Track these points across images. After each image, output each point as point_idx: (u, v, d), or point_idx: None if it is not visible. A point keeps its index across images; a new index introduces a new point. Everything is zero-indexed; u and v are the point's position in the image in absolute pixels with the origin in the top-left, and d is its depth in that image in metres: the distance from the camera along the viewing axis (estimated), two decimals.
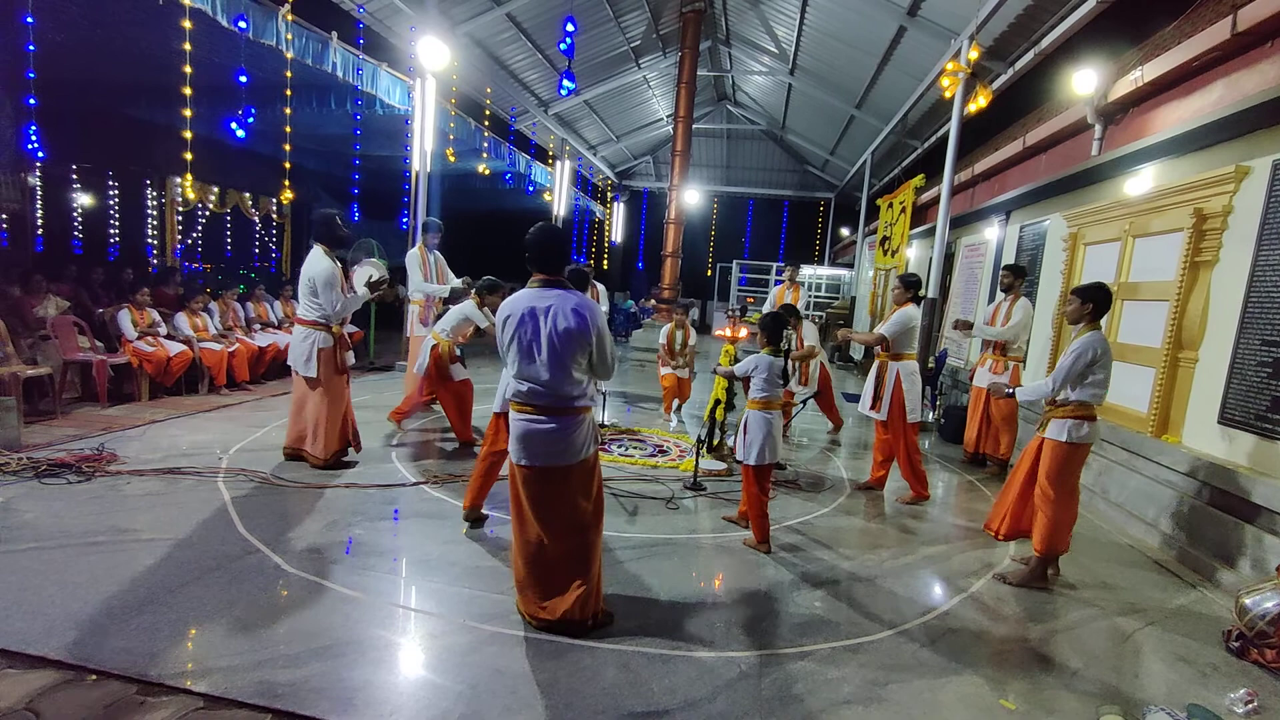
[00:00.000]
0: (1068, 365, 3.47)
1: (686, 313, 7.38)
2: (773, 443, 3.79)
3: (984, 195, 8.81)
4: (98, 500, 3.76)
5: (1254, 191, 4.17)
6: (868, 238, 14.76)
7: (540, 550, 2.76)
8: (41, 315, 6.18)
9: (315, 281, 4.49)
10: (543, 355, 2.62)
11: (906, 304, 4.86)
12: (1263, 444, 3.88)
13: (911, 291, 4.90)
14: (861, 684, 2.56)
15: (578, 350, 2.64)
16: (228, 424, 5.62)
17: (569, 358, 2.63)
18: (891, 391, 4.78)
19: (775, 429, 3.81)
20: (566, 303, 2.63)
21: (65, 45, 6.17)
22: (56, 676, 2.25)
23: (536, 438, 2.69)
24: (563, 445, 2.70)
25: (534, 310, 2.63)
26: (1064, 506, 3.58)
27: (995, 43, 7.68)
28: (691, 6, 12.52)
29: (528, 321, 2.63)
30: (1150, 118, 5.30)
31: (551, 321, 2.60)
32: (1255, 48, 4.22)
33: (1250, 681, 2.77)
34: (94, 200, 10.00)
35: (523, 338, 2.63)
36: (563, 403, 2.68)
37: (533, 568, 2.78)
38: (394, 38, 9.19)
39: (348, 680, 2.34)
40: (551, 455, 2.70)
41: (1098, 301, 3.56)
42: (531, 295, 2.68)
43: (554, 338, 2.60)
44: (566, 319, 2.60)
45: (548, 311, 2.62)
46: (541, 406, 2.68)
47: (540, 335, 2.61)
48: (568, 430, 2.69)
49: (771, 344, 3.93)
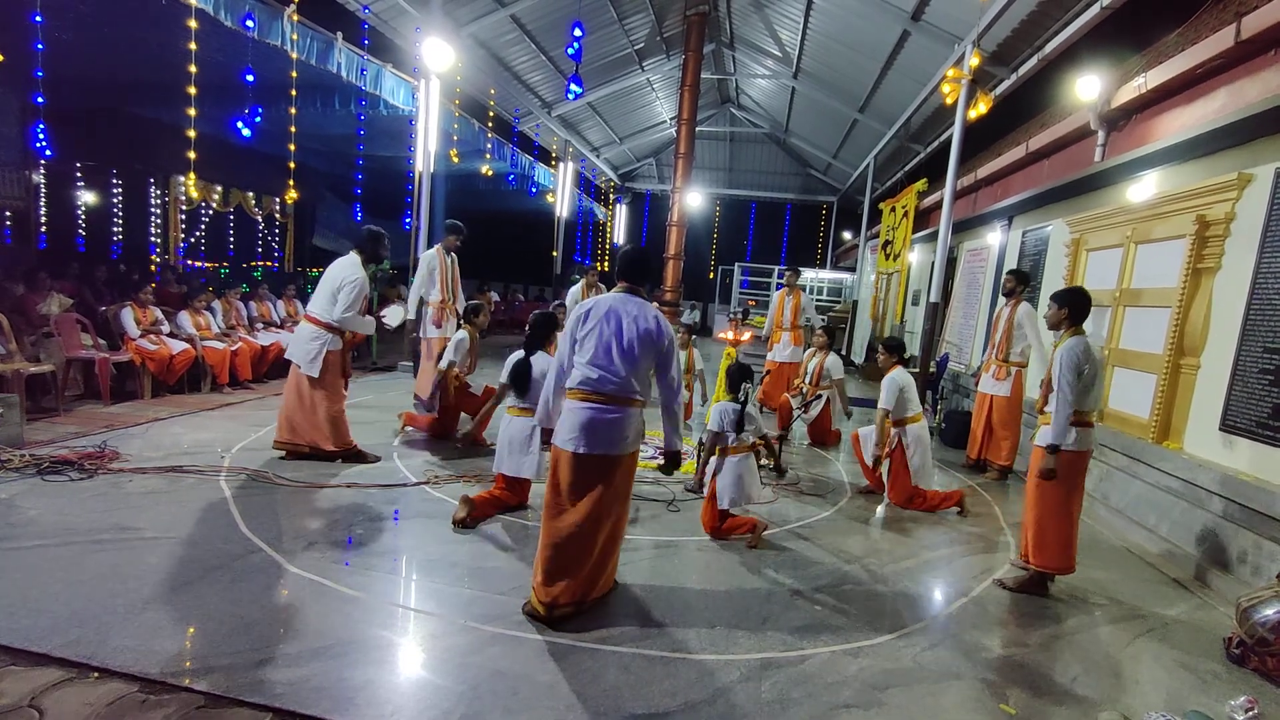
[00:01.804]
0: (1071, 379, 3.39)
1: (690, 334, 7.10)
2: (742, 487, 3.91)
3: (986, 200, 8.81)
4: (100, 498, 3.76)
5: (1257, 199, 4.18)
6: (870, 241, 14.76)
7: (572, 530, 2.85)
8: (45, 313, 6.20)
9: (344, 285, 4.50)
10: (621, 349, 2.88)
11: (893, 367, 4.81)
12: (1264, 451, 3.87)
13: (895, 355, 4.86)
14: (862, 688, 2.56)
15: (652, 351, 2.94)
16: (230, 423, 5.63)
17: (641, 355, 2.91)
18: (894, 456, 4.76)
19: (745, 471, 3.93)
20: (648, 310, 2.98)
21: (71, 44, 6.20)
22: (60, 674, 2.26)
23: (599, 426, 2.86)
24: (620, 434, 2.89)
25: (618, 310, 2.93)
26: (1056, 514, 3.48)
27: (999, 48, 7.68)
28: (696, 9, 12.51)
29: (611, 318, 2.91)
30: (1153, 124, 5.31)
31: (634, 322, 2.91)
32: (1258, 55, 4.23)
33: (1251, 689, 2.77)
34: (97, 198, 10.03)
35: (604, 331, 2.89)
36: (626, 393, 2.90)
37: (558, 554, 2.85)
38: (399, 39, 9.21)
39: (349, 680, 2.34)
40: (610, 443, 2.88)
41: (1074, 306, 3.54)
42: (616, 299, 2.98)
43: (635, 335, 2.89)
44: (648, 322, 2.92)
45: (630, 313, 2.93)
46: (610, 395, 2.88)
47: (622, 331, 2.89)
48: (625, 421, 2.91)
49: (731, 392, 4.13)
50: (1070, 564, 3.54)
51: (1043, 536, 3.49)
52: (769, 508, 4.58)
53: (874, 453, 4.87)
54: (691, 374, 6.94)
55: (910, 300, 12.27)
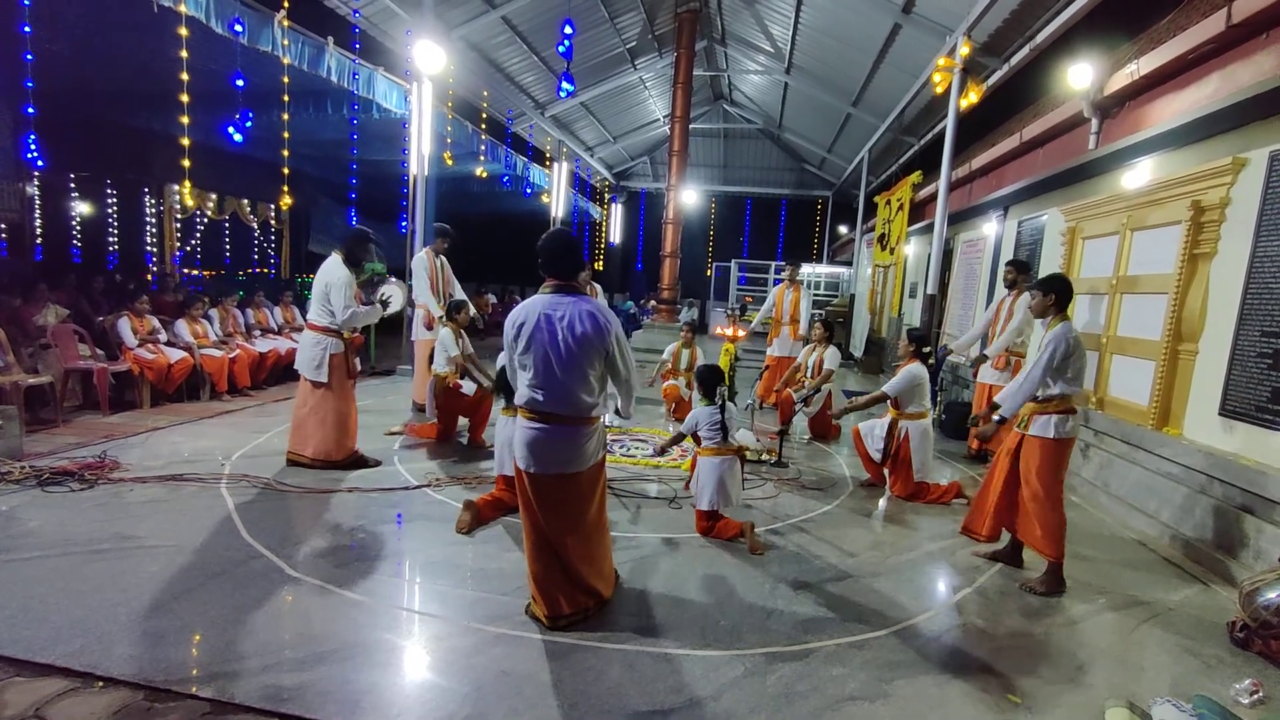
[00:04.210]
0: (1043, 361, 3.42)
1: (692, 332, 7.11)
2: (724, 490, 3.85)
3: (981, 191, 8.81)
4: (101, 508, 3.76)
5: (1251, 183, 4.18)
6: (866, 235, 14.76)
7: (555, 550, 2.77)
8: (42, 324, 6.19)
9: (330, 287, 4.51)
10: (561, 361, 2.58)
11: (912, 360, 4.78)
12: (1264, 435, 3.88)
13: (915, 346, 4.81)
14: (866, 680, 2.56)
15: (594, 356, 2.61)
16: (230, 430, 5.63)
17: (585, 364, 2.59)
18: (899, 449, 4.76)
19: (727, 474, 3.86)
20: (581, 308, 2.59)
21: (62, 54, 6.19)
22: (64, 684, 2.26)
23: (549, 447, 2.65)
24: (574, 453, 2.69)
25: (549, 316, 2.59)
26: (1054, 506, 3.48)
27: (990, 38, 7.68)
28: (687, 7, 12.53)
29: (543, 327, 2.58)
30: (1147, 111, 5.31)
31: (567, 326, 2.56)
32: (1250, 39, 4.23)
33: (1255, 672, 2.77)
34: (92, 209, 10.03)
35: (539, 345, 2.59)
36: (576, 411, 2.65)
37: (547, 568, 2.79)
38: (390, 42, 9.20)
39: (354, 683, 2.34)
40: (562, 463, 2.69)
41: (1059, 292, 3.53)
42: (545, 301, 2.64)
43: (570, 343, 2.56)
44: (582, 324, 2.56)
45: (564, 318, 2.57)
46: (555, 414, 2.63)
47: (557, 340, 2.57)
48: (580, 439, 2.69)
49: (706, 397, 4.06)
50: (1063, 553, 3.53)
51: (1053, 527, 3.46)
52: (771, 503, 4.58)
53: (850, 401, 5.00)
54: (693, 372, 6.94)
55: (907, 293, 12.28)
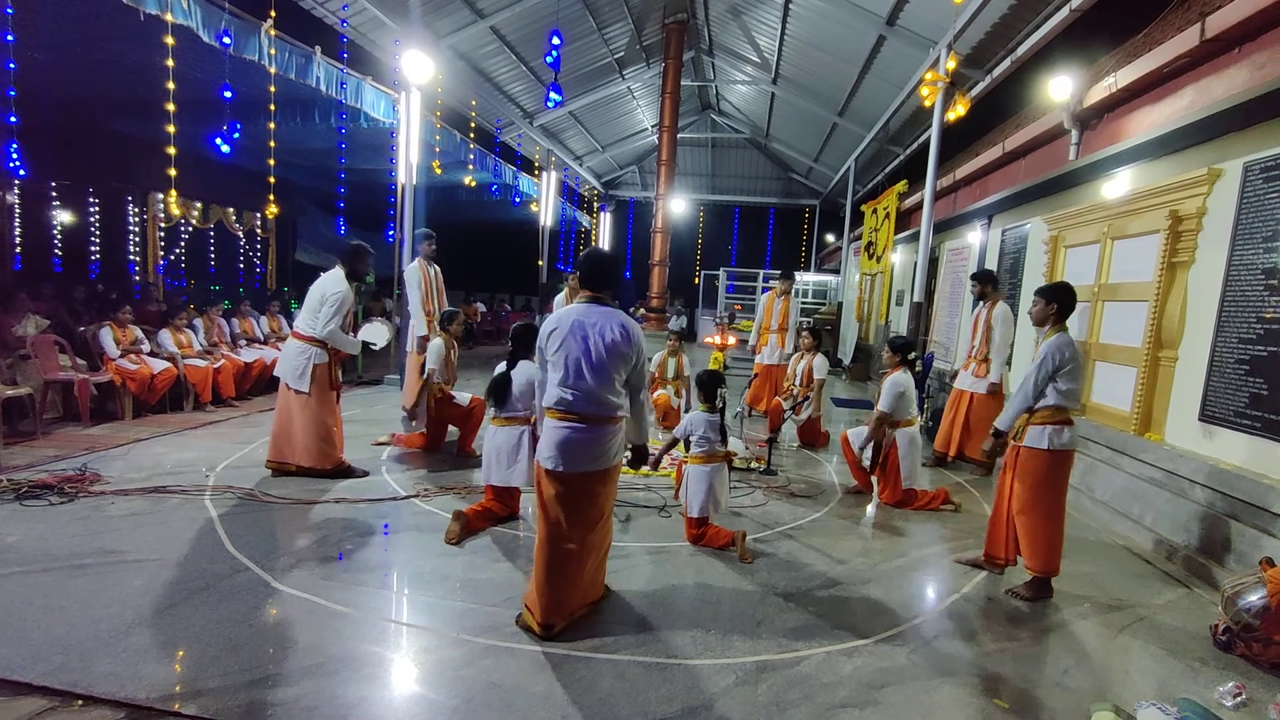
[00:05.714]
0: (1034, 374, 3.38)
1: (680, 340, 7.19)
2: (714, 496, 3.89)
3: (966, 200, 8.94)
4: (81, 521, 3.69)
5: (1226, 193, 4.27)
6: (853, 244, 14.90)
7: (568, 553, 2.82)
8: (21, 334, 6.09)
9: (327, 297, 4.49)
10: (591, 365, 2.78)
11: (896, 369, 4.81)
12: (1243, 439, 3.95)
13: (899, 355, 4.84)
14: (857, 687, 2.57)
15: (622, 363, 2.83)
16: (214, 441, 5.56)
17: (614, 370, 2.81)
18: (887, 456, 4.78)
19: (716, 480, 3.90)
20: (614, 319, 2.84)
21: (45, 62, 6.13)
22: (43, 703, 2.21)
23: (578, 445, 2.81)
24: (599, 451, 2.84)
25: (582, 324, 2.81)
26: (1049, 517, 3.42)
27: (973, 51, 7.81)
28: (674, 17, 12.64)
29: (577, 333, 2.80)
30: (1125, 122, 5.42)
31: (599, 335, 2.79)
32: (1224, 54, 4.33)
33: (1238, 674, 2.81)
34: (74, 217, 9.89)
35: (572, 348, 2.79)
36: (604, 410, 2.83)
37: (559, 573, 2.82)
38: (378, 51, 9.20)
39: (341, 698, 2.31)
40: (589, 461, 2.83)
41: (1062, 302, 3.47)
42: (580, 310, 2.87)
43: (603, 349, 2.78)
44: (614, 333, 2.80)
45: (596, 326, 2.80)
46: (585, 414, 2.81)
47: (590, 346, 2.78)
48: (606, 437, 2.85)
49: (707, 402, 4.09)
50: (1058, 566, 3.48)
51: (1043, 541, 3.41)
52: (760, 510, 4.59)
53: (859, 445, 4.90)
54: (680, 380, 6.96)
55: (894, 300, 12.39)
